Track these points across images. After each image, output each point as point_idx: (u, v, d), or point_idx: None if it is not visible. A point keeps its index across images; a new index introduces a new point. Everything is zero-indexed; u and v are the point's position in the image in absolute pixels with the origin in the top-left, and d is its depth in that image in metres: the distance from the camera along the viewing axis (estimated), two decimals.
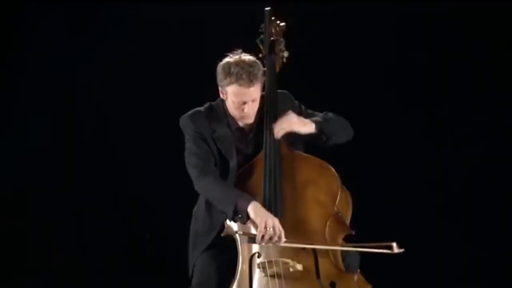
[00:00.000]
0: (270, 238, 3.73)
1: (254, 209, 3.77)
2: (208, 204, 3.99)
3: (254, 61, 3.90)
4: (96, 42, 5.37)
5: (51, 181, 5.35)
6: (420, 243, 5.18)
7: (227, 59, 3.91)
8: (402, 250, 3.75)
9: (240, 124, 4.02)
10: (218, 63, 3.97)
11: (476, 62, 5.24)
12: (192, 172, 3.95)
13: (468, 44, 5.26)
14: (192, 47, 5.25)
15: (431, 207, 5.26)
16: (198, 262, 3.96)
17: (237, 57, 3.90)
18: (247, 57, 3.91)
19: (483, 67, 5.25)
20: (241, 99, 3.88)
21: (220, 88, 3.95)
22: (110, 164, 5.41)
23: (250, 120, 3.97)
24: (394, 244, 3.73)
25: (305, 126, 3.93)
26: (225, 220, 3.86)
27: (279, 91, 4.06)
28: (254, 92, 3.88)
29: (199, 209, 4.07)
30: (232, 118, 4.00)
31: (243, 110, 3.90)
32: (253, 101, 3.90)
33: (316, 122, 3.94)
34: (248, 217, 3.78)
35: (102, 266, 5.34)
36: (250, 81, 3.84)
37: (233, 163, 3.96)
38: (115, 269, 5.36)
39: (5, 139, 5.36)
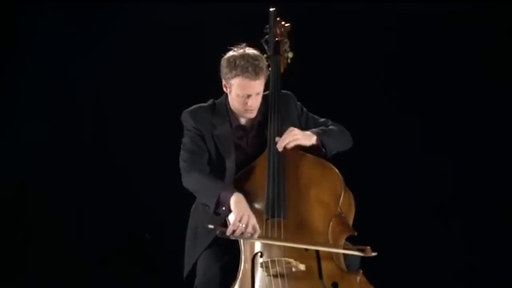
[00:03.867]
0: (242, 234, 3.72)
1: (235, 200, 3.76)
2: None
3: (258, 55, 3.93)
4: (96, 41, 5.37)
5: (51, 180, 5.34)
6: (420, 243, 5.22)
7: (231, 53, 3.94)
8: (375, 254, 3.76)
9: (242, 121, 4.04)
10: (219, 64, 3.99)
11: (476, 62, 5.27)
12: (182, 166, 3.97)
13: (467, 44, 5.29)
14: (194, 47, 5.25)
15: (432, 208, 5.28)
16: (200, 262, 3.96)
17: (241, 50, 3.93)
18: (251, 50, 3.94)
19: (482, 67, 5.27)
20: (246, 92, 3.89)
21: (224, 82, 3.96)
22: (110, 164, 5.41)
23: (253, 114, 3.99)
24: (368, 248, 3.76)
25: (308, 139, 3.95)
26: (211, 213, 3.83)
27: (283, 91, 4.08)
28: (259, 85, 3.90)
29: (197, 207, 4.07)
30: (234, 115, 4.02)
31: (246, 103, 3.92)
32: (257, 94, 3.92)
33: (317, 134, 3.96)
34: (230, 210, 3.76)
35: (102, 266, 5.33)
36: (256, 74, 3.86)
37: (230, 162, 3.96)
38: (115, 269, 5.35)
39: (5, 139, 5.35)
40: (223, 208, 3.79)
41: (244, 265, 3.80)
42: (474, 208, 5.25)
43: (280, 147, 3.91)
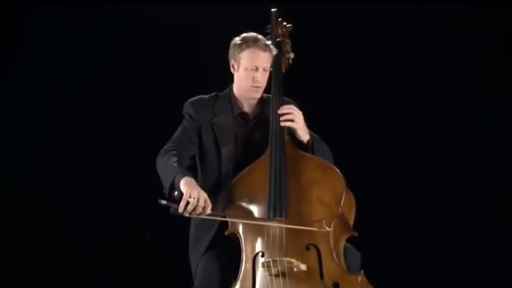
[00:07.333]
0: (194, 209, 3.71)
1: (185, 182, 3.76)
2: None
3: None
4: (96, 41, 5.37)
5: (51, 180, 5.34)
6: (420, 243, 5.23)
7: (237, 37, 4.02)
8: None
9: (244, 108, 4.06)
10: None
11: (476, 62, 5.28)
12: (160, 152, 3.99)
13: (467, 44, 5.29)
14: (194, 47, 5.26)
15: (432, 208, 5.28)
16: (200, 262, 3.96)
17: (245, 34, 4.02)
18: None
19: (482, 67, 5.28)
20: (254, 64, 3.95)
21: (232, 62, 4.02)
22: (110, 164, 5.41)
23: (258, 94, 4.02)
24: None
25: (303, 130, 4.00)
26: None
27: (287, 98, 4.10)
28: (267, 59, 3.98)
29: None
30: (237, 102, 4.06)
31: (254, 78, 3.96)
32: (264, 70, 3.97)
33: (312, 137, 4.01)
34: (181, 193, 3.75)
35: (102, 266, 5.33)
36: (266, 46, 3.96)
37: (226, 149, 3.99)
38: (115, 269, 5.35)
39: (5, 139, 5.35)
40: (176, 193, 3.79)
41: (245, 265, 3.81)
42: (474, 208, 5.26)
43: (280, 110, 3.96)
